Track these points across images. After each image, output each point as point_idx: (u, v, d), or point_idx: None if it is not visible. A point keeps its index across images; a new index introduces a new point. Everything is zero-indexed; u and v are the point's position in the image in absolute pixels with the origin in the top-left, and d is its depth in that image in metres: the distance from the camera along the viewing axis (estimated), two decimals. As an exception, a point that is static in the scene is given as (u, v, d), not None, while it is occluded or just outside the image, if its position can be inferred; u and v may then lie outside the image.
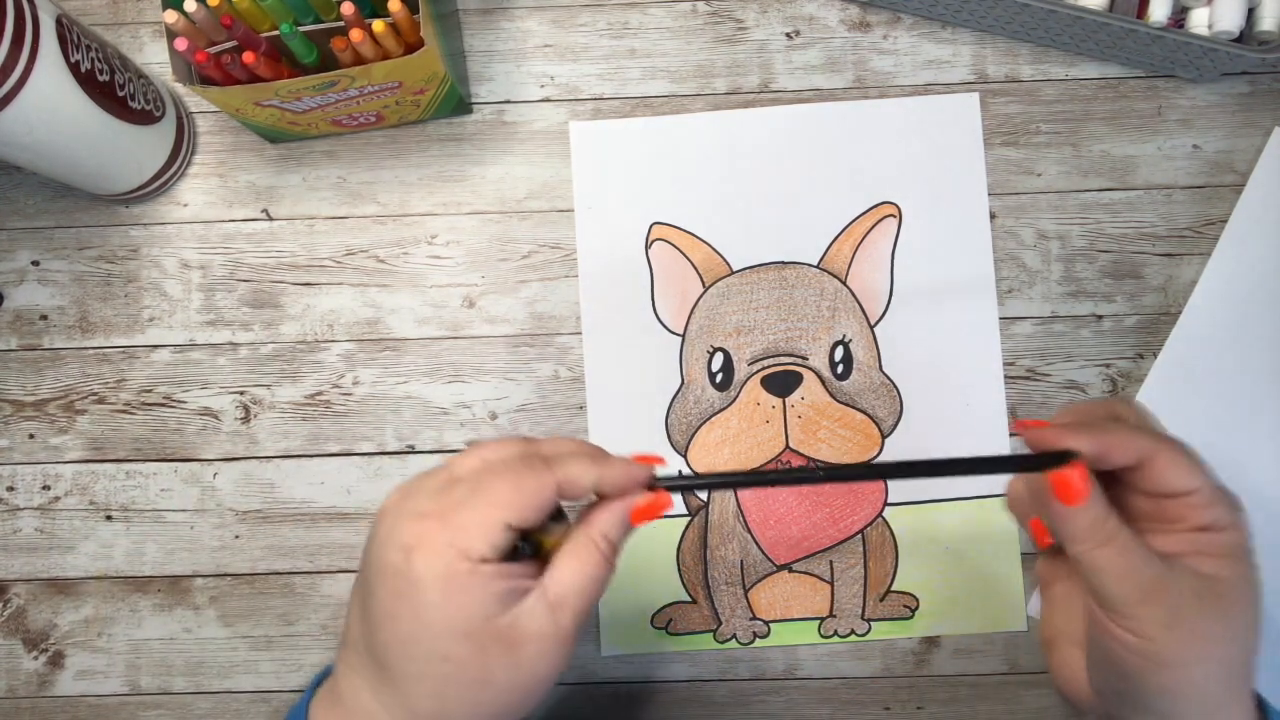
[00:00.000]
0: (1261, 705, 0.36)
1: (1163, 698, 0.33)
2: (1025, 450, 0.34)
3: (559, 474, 0.32)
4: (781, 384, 0.52)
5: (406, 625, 0.31)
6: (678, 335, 0.53)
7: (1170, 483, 0.34)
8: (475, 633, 0.31)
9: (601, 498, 0.34)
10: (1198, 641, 0.32)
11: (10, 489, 0.53)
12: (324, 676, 0.35)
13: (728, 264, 0.53)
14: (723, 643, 0.52)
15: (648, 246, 0.53)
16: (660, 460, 0.35)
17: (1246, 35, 0.51)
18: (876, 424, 0.52)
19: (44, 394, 0.54)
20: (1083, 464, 0.33)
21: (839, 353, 0.53)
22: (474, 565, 0.31)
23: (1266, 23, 0.50)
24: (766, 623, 0.52)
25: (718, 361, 0.53)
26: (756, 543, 0.52)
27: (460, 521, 0.31)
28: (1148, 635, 0.32)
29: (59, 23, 0.44)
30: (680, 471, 0.52)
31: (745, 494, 0.52)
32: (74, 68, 0.44)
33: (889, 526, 0.52)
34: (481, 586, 0.31)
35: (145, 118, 0.50)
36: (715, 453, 0.52)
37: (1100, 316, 0.53)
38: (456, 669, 0.31)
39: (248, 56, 0.45)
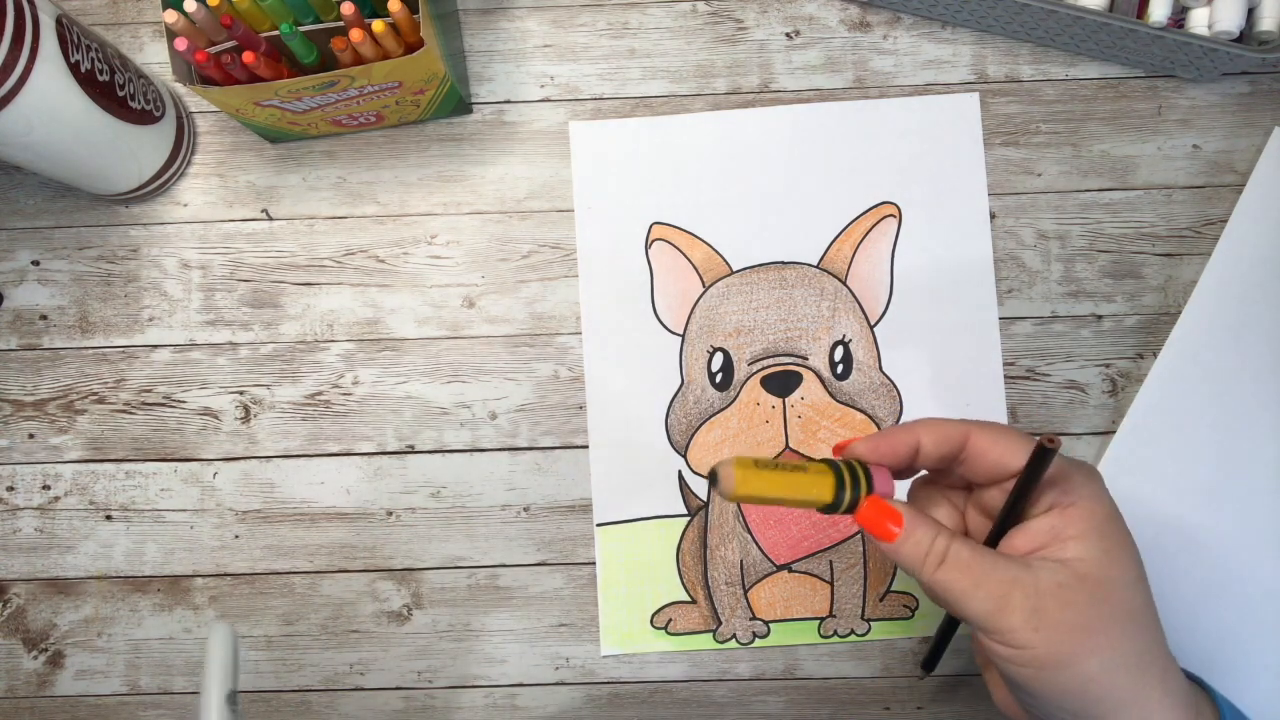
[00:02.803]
0: (1201, 686, 0.34)
1: (1066, 699, 0.31)
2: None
3: None
4: (781, 384, 0.52)
5: None
6: (677, 335, 0.53)
7: (993, 462, 0.33)
8: None
9: None
10: (1074, 635, 0.30)
11: (10, 489, 0.53)
12: None
13: (728, 264, 0.53)
14: (722, 643, 0.52)
15: (648, 246, 0.53)
16: None
17: (1246, 35, 0.51)
18: (876, 424, 0.52)
19: (44, 394, 0.54)
20: (874, 496, 0.33)
21: (839, 353, 0.53)
22: None
23: (1266, 23, 0.50)
24: (766, 623, 0.52)
25: (717, 361, 0.53)
26: (756, 543, 0.52)
27: None
28: (1019, 643, 0.30)
29: (59, 23, 0.44)
30: (680, 473, 0.52)
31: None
32: (74, 68, 0.44)
33: (889, 526, 0.52)
34: None
35: (145, 118, 0.50)
36: (715, 453, 0.52)
37: (1100, 316, 0.53)
38: None
39: (248, 56, 0.45)
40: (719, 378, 0.53)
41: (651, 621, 0.52)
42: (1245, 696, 0.50)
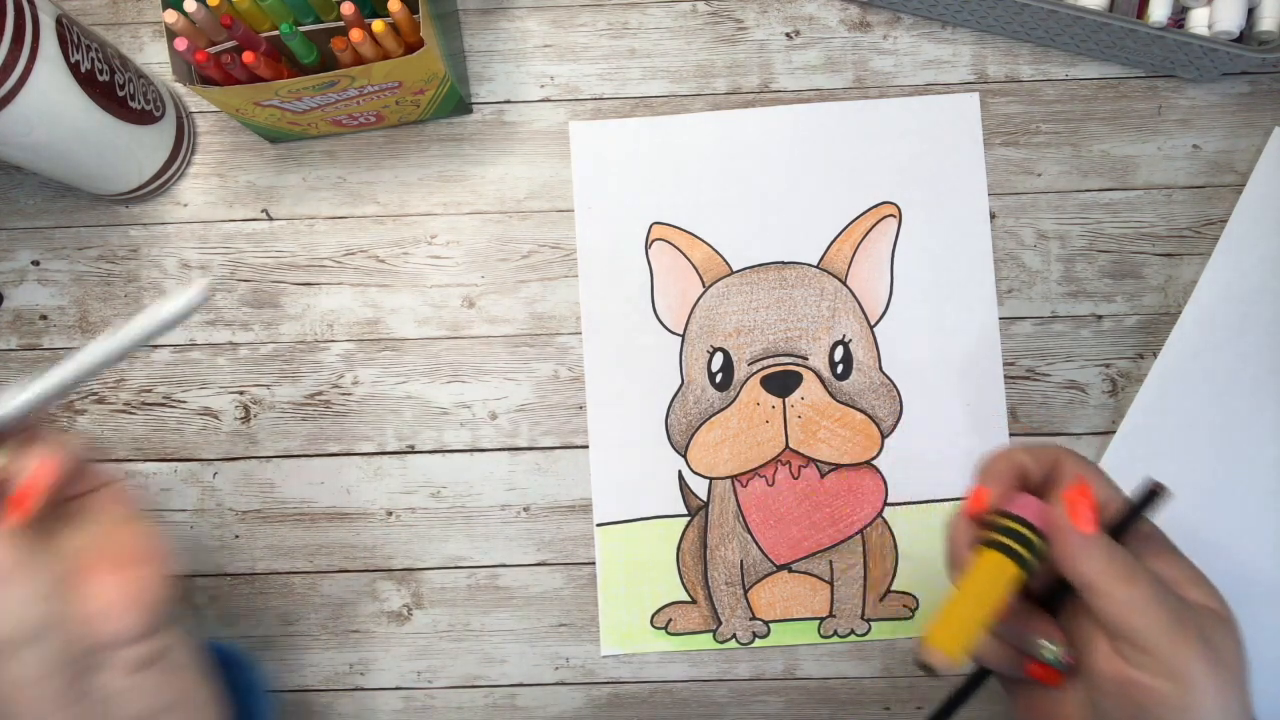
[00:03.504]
0: None
1: None
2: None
3: None
4: (781, 384, 0.52)
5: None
6: (677, 335, 0.53)
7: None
8: None
9: None
10: (1222, 670, 0.31)
11: (10, 489, 0.53)
12: None
13: (728, 264, 0.53)
14: (722, 643, 0.52)
15: (648, 246, 0.53)
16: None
17: (1246, 35, 0.51)
18: (876, 424, 0.52)
19: (44, 394, 0.54)
20: (1077, 488, 0.32)
21: (839, 353, 0.53)
22: None
23: (1266, 23, 0.50)
24: (766, 623, 0.52)
25: (717, 361, 0.53)
26: (756, 543, 0.52)
27: None
28: (1178, 672, 0.30)
29: (59, 23, 0.44)
30: (680, 473, 0.52)
31: (745, 494, 0.52)
32: (74, 68, 0.44)
33: (889, 526, 0.52)
34: None
35: (145, 118, 0.50)
36: (715, 453, 0.52)
37: (1100, 316, 0.53)
38: None
39: (248, 56, 0.45)
40: (719, 378, 0.53)
41: (651, 621, 0.52)
42: (1245, 696, 0.50)
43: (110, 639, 0.33)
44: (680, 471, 0.52)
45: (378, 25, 0.45)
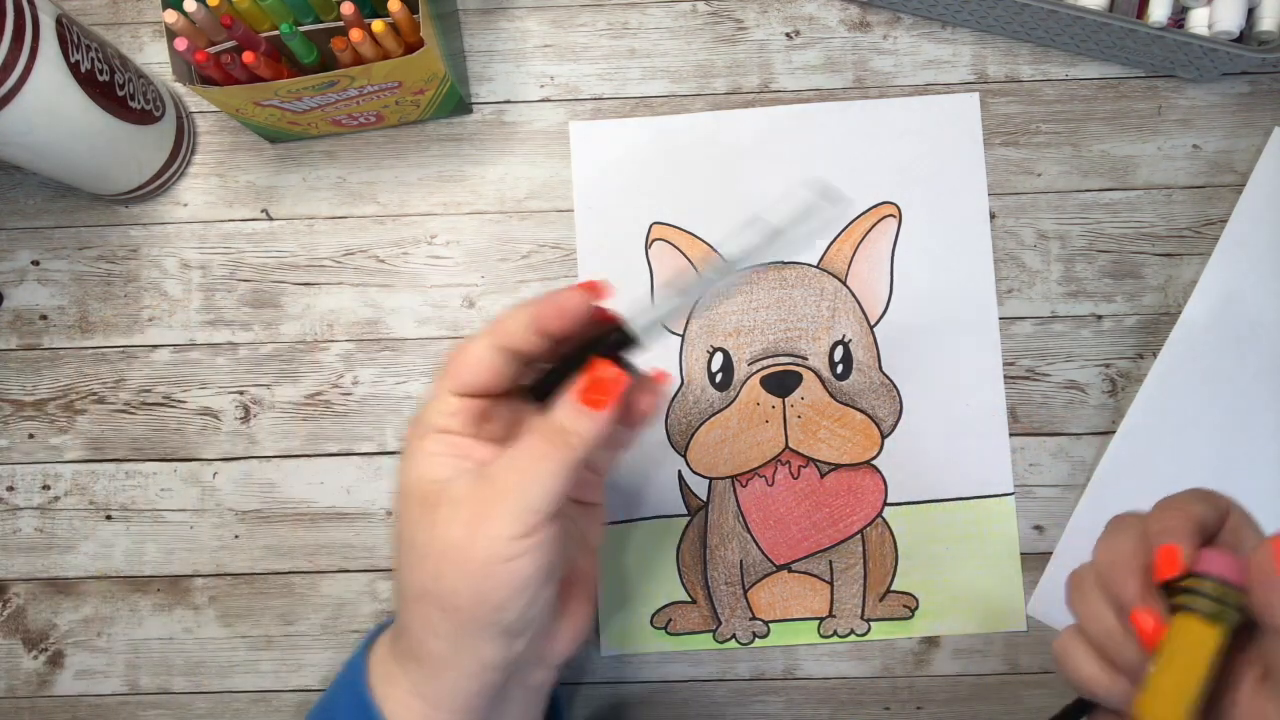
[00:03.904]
0: None
1: None
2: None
3: (490, 329, 0.34)
4: (781, 384, 0.52)
5: None
6: (677, 335, 0.53)
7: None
8: (409, 492, 0.33)
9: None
10: None
11: (10, 489, 0.53)
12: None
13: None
14: (722, 643, 0.52)
15: (648, 246, 0.53)
16: (602, 288, 0.35)
17: (1246, 35, 0.51)
18: (876, 424, 0.52)
19: (44, 394, 0.54)
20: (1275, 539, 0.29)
21: (839, 353, 0.53)
22: (425, 432, 0.33)
23: (1266, 23, 0.50)
24: (766, 623, 0.52)
25: (717, 361, 0.53)
26: (756, 543, 0.52)
27: (426, 398, 0.35)
28: None
29: (59, 23, 0.44)
30: (680, 473, 0.52)
31: (745, 494, 0.52)
32: (74, 68, 0.44)
33: (888, 526, 0.52)
34: (426, 452, 0.33)
35: (145, 118, 0.50)
36: (715, 452, 0.52)
37: (1100, 316, 0.53)
38: (400, 527, 0.33)
39: (248, 56, 0.45)
40: (719, 378, 0.53)
41: (651, 621, 0.52)
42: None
43: (555, 658, 0.38)
44: (680, 471, 0.52)
45: (378, 25, 0.45)
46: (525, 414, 0.38)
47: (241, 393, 0.53)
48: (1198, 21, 0.51)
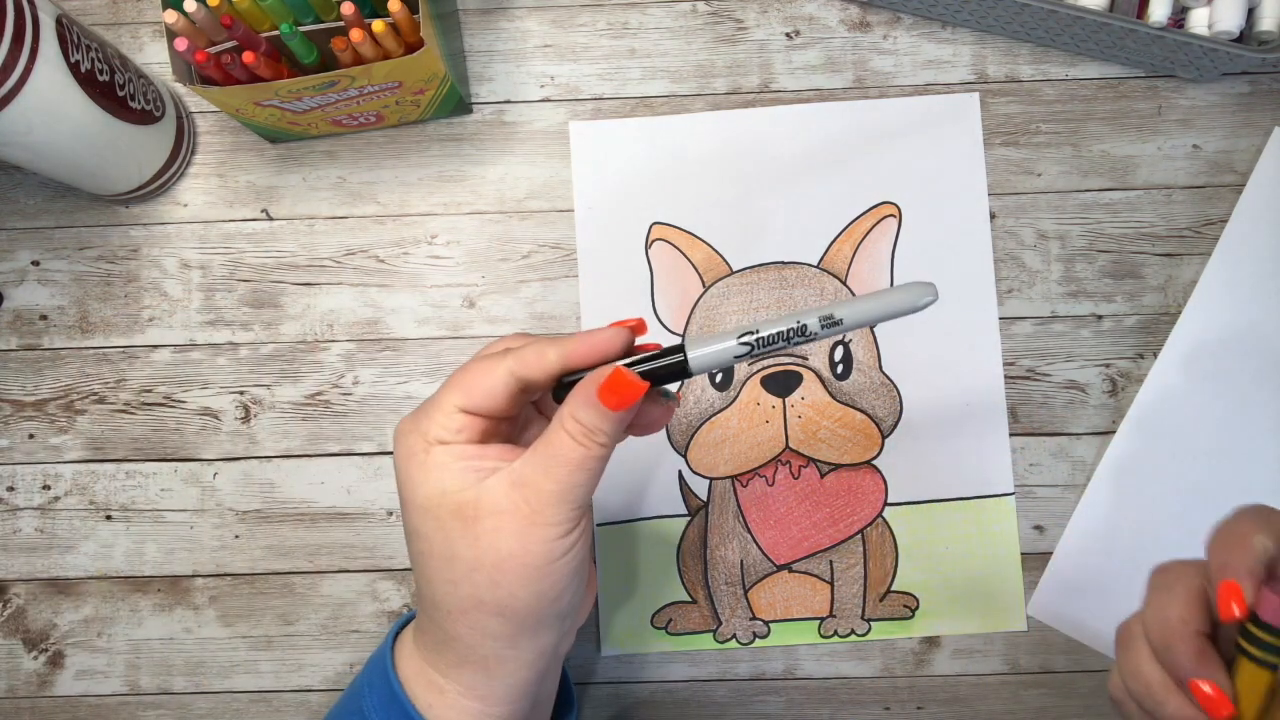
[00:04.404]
0: None
1: None
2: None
3: (513, 358, 0.33)
4: (781, 384, 0.52)
5: (402, 510, 0.34)
6: (678, 335, 0.53)
7: None
8: (434, 508, 0.33)
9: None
10: None
11: (10, 489, 0.53)
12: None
13: (728, 264, 0.53)
14: (722, 643, 0.52)
15: (648, 246, 0.53)
16: (639, 325, 0.34)
17: (1246, 35, 0.51)
18: (876, 424, 0.52)
19: (44, 394, 0.54)
20: None
21: (839, 353, 0.53)
22: (429, 445, 0.33)
23: (1266, 23, 0.50)
24: (766, 623, 0.52)
25: (718, 361, 0.53)
26: (756, 543, 0.52)
27: (425, 410, 0.34)
28: None
29: (59, 23, 0.44)
30: (680, 473, 0.52)
31: (745, 494, 0.52)
32: (74, 68, 0.44)
33: (889, 526, 0.52)
34: (437, 465, 0.33)
35: (145, 118, 0.50)
36: (715, 452, 0.52)
37: (1100, 316, 0.53)
38: (426, 545, 0.33)
39: (248, 56, 0.45)
40: (719, 378, 0.53)
41: (651, 621, 0.52)
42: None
43: (580, 623, 0.40)
44: (680, 471, 0.52)
45: (378, 25, 0.45)
46: (528, 411, 0.38)
47: (242, 393, 0.53)
48: (1198, 21, 0.51)
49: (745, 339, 0.32)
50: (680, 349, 0.32)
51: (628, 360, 0.33)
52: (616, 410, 0.32)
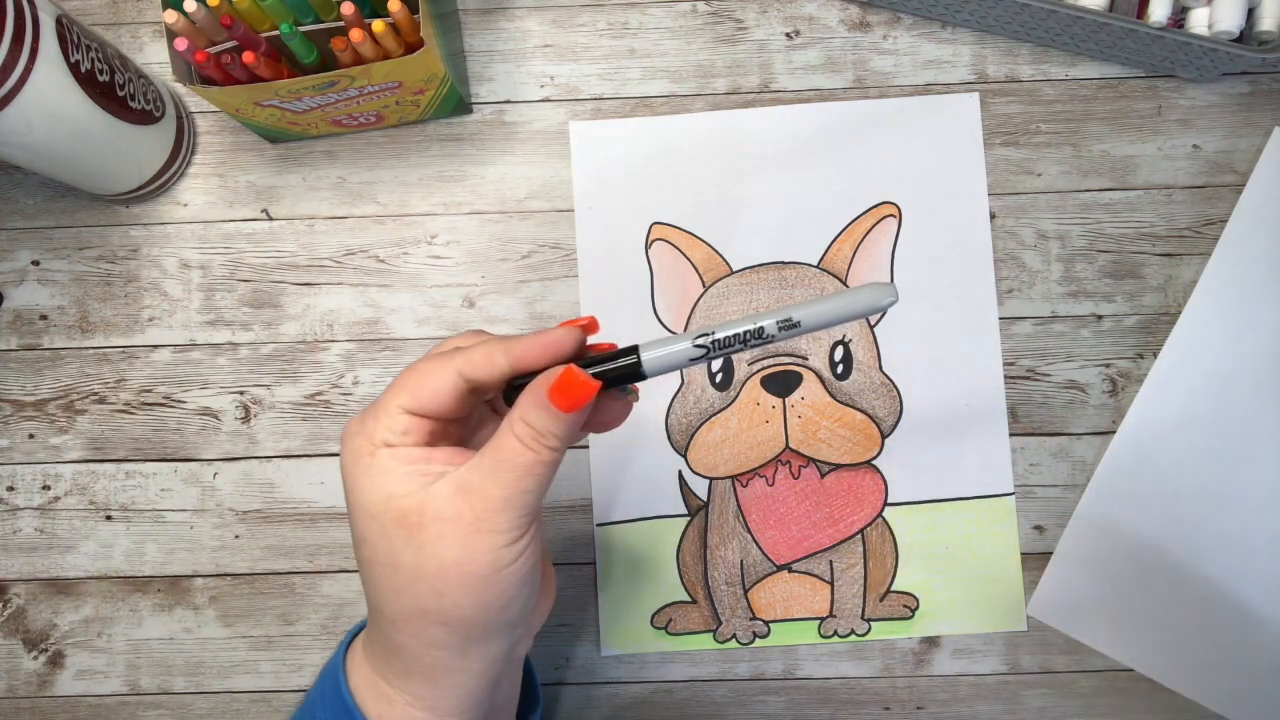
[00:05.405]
0: None
1: None
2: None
3: (461, 358, 0.32)
4: (781, 384, 0.52)
5: (348, 514, 0.33)
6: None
7: None
8: (378, 513, 0.31)
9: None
10: None
11: (10, 489, 0.53)
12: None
13: (728, 264, 0.53)
14: (722, 643, 0.52)
15: (648, 246, 0.53)
16: (590, 324, 0.33)
17: (1246, 35, 0.51)
18: (876, 424, 0.52)
19: (44, 394, 0.54)
20: None
21: (839, 353, 0.53)
22: (374, 449, 0.32)
23: (1266, 23, 0.50)
24: (766, 623, 0.52)
25: (717, 361, 0.53)
26: (756, 543, 0.52)
27: (371, 411, 0.33)
28: None
29: (59, 23, 0.44)
30: (680, 473, 0.52)
31: (745, 494, 0.52)
32: (74, 68, 0.44)
33: (889, 526, 0.52)
34: (382, 469, 0.32)
35: (145, 118, 0.50)
36: (715, 452, 0.52)
37: (1100, 316, 0.53)
38: (370, 551, 0.32)
39: (248, 56, 0.45)
40: (719, 378, 0.53)
41: (651, 621, 0.52)
42: (1245, 696, 0.51)
43: (536, 627, 0.39)
44: (680, 471, 0.52)
45: (378, 25, 0.45)
46: (483, 411, 0.37)
47: (241, 393, 0.53)
48: (1198, 21, 0.51)
49: (700, 341, 0.31)
50: (634, 350, 0.31)
51: (582, 360, 0.32)
52: (568, 412, 0.30)
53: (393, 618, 0.32)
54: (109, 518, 0.53)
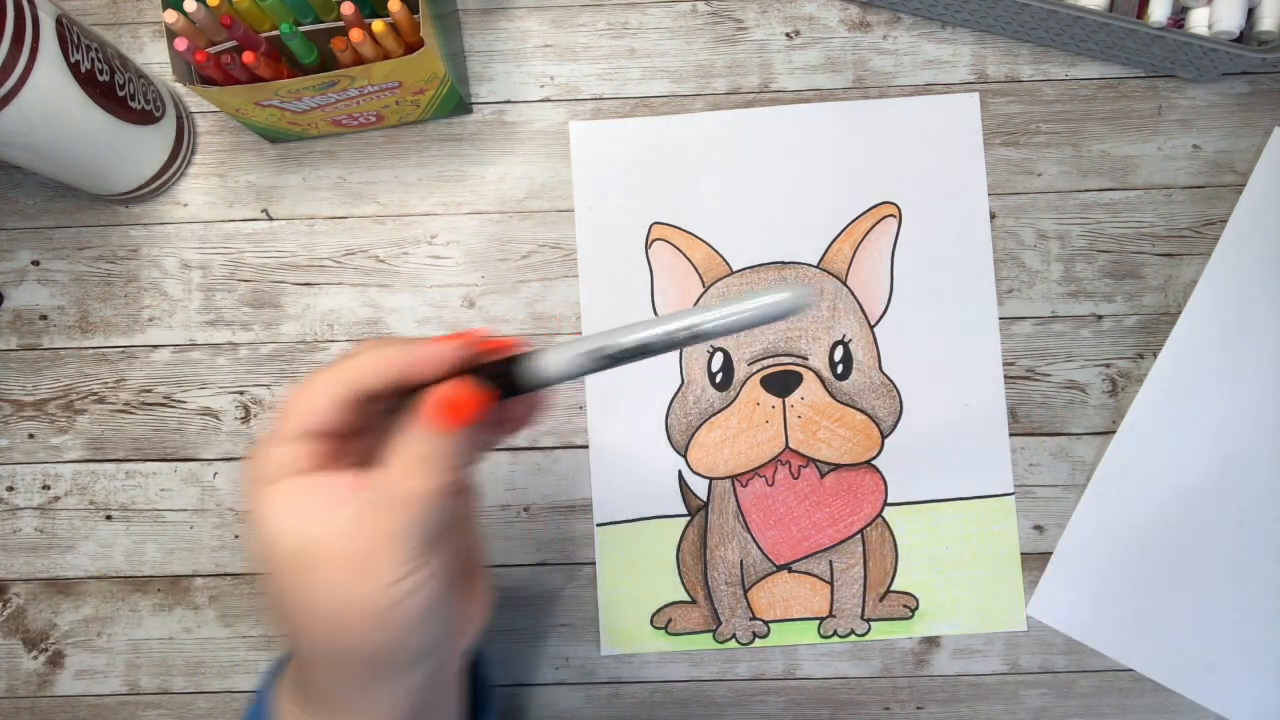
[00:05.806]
0: None
1: None
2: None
3: (346, 368, 0.29)
4: (781, 384, 0.52)
5: None
6: (678, 335, 0.53)
7: None
8: (270, 555, 0.29)
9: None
10: None
11: (10, 489, 0.53)
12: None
13: (728, 264, 0.53)
14: (722, 643, 0.52)
15: (648, 246, 0.53)
16: (479, 338, 0.30)
17: (1246, 35, 0.51)
18: (876, 424, 0.52)
19: (44, 394, 0.54)
20: None
21: (839, 352, 0.53)
22: (263, 485, 0.29)
23: (1266, 23, 0.50)
24: (766, 623, 0.52)
25: (717, 361, 0.53)
26: (756, 543, 0.52)
27: (261, 443, 0.30)
28: None
29: (59, 23, 0.44)
30: (680, 473, 0.52)
31: (745, 494, 0.52)
32: (74, 68, 0.44)
33: (889, 526, 0.52)
34: (271, 508, 0.29)
35: (145, 118, 0.50)
36: (715, 452, 0.52)
37: (1100, 316, 0.53)
38: (271, 587, 0.30)
39: (248, 56, 0.45)
40: (719, 378, 0.53)
41: (651, 621, 0.52)
42: (1245, 696, 0.50)
43: (463, 648, 0.35)
44: (680, 471, 0.52)
45: (378, 25, 0.45)
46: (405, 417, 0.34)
47: (241, 393, 0.53)
48: (1198, 21, 0.51)
49: (594, 352, 0.28)
50: (524, 358, 0.29)
51: (480, 367, 0.30)
52: (449, 432, 0.28)
53: (299, 654, 0.31)
54: (109, 517, 0.53)
